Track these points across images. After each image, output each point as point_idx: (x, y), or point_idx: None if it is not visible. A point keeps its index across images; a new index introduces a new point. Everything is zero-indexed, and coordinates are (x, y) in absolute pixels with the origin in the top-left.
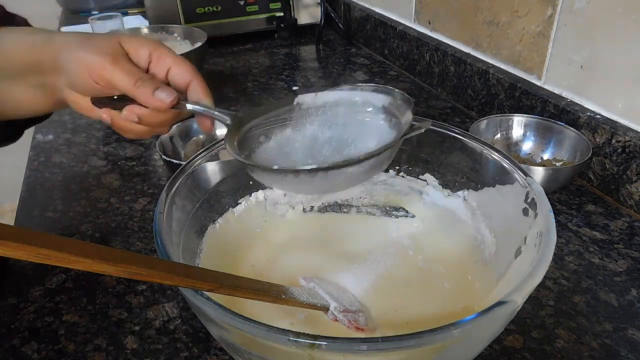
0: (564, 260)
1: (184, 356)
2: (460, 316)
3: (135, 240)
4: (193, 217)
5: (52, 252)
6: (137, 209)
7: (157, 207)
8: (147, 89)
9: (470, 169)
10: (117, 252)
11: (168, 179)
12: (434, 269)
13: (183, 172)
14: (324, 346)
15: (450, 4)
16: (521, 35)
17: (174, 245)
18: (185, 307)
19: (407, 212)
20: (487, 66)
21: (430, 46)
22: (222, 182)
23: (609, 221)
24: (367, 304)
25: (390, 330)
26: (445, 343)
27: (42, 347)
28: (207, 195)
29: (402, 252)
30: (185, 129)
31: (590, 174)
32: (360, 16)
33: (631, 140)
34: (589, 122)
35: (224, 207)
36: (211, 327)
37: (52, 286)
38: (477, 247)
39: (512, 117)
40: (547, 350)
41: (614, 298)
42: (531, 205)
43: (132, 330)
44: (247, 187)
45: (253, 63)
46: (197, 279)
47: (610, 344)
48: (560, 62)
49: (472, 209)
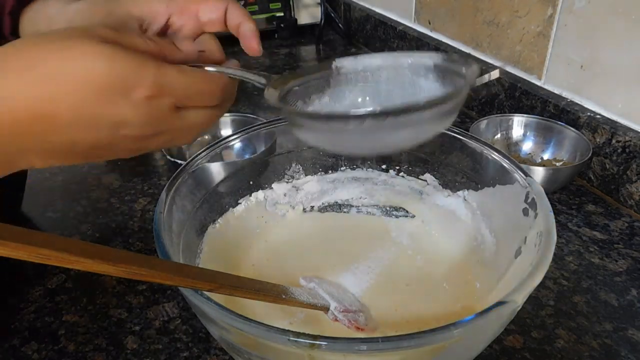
0: (564, 260)
1: (184, 356)
2: (460, 316)
3: (135, 240)
4: (193, 217)
5: (52, 252)
6: (137, 209)
7: (157, 207)
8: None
9: (470, 169)
10: (117, 252)
11: (168, 179)
12: (434, 269)
13: (183, 172)
14: (324, 346)
15: (450, 4)
16: (521, 35)
17: (174, 245)
18: (185, 307)
19: (407, 212)
20: (487, 66)
21: (430, 46)
22: (222, 182)
23: (609, 221)
24: (367, 304)
25: (391, 330)
26: (445, 343)
27: (42, 347)
28: (207, 195)
29: (402, 252)
30: None
31: (590, 174)
32: (360, 16)
33: (631, 140)
34: (589, 122)
35: (224, 207)
36: (211, 327)
37: (52, 286)
38: (477, 247)
39: (512, 117)
40: (547, 350)
41: (614, 298)
42: (531, 205)
43: (132, 330)
44: (247, 187)
45: (253, 63)
46: (197, 279)
47: (610, 344)
48: (560, 62)
49: (472, 209)
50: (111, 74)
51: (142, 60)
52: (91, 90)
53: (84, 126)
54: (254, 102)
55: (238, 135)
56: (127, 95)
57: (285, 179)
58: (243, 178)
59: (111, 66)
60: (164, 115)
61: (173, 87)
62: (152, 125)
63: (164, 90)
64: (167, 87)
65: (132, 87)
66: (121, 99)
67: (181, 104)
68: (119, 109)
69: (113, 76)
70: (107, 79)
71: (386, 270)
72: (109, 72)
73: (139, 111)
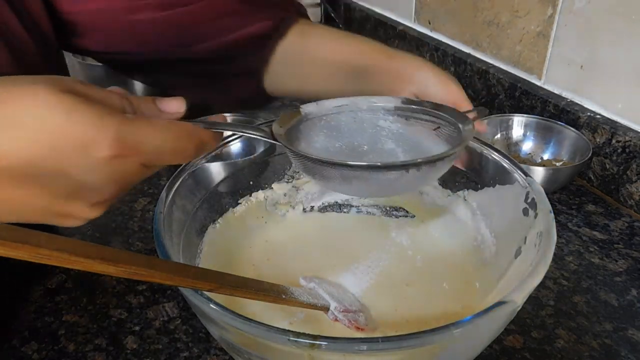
0: (564, 260)
1: (184, 356)
2: (460, 316)
3: (135, 240)
4: (193, 217)
5: (52, 252)
6: (137, 209)
7: (157, 207)
8: None
9: (471, 169)
10: (117, 252)
11: (168, 179)
12: (434, 269)
13: (183, 172)
14: (324, 346)
15: (450, 4)
16: (521, 35)
17: (174, 245)
18: (185, 307)
19: (407, 212)
20: (487, 66)
21: (430, 46)
22: (222, 182)
23: (609, 221)
24: (367, 304)
25: (391, 330)
26: (445, 343)
27: (42, 347)
28: (207, 195)
29: (402, 252)
30: None
31: (590, 174)
32: (360, 16)
33: (631, 140)
34: (589, 122)
35: (224, 207)
36: (211, 327)
37: (52, 286)
38: (477, 247)
39: (512, 117)
40: (547, 350)
41: (614, 298)
42: (531, 205)
43: (132, 330)
44: (247, 187)
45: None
46: (197, 279)
47: (610, 344)
48: (560, 62)
49: (472, 209)
50: (67, 127)
51: (103, 113)
52: (46, 143)
53: (33, 185)
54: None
55: (238, 135)
56: (86, 153)
57: (285, 179)
58: (243, 178)
59: (68, 118)
60: (130, 176)
61: (140, 145)
62: (116, 186)
63: (129, 148)
64: (132, 144)
65: (92, 143)
66: (80, 157)
67: (151, 163)
68: (77, 169)
69: (70, 129)
70: (62, 131)
71: (386, 270)
72: (64, 123)
73: (100, 174)
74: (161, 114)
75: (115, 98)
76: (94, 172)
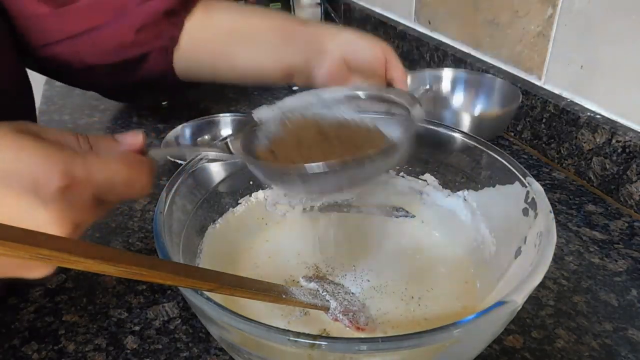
0: (564, 260)
1: (184, 356)
2: (460, 316)
3: (135, 240)
4: (193, 217)
5: (52, 252)
6: (137, 209)
7: (157, 207)
8: None
9: (470, 169)
10: (117, 252)
11: (168, 179)
12: (434, 269)
13: (183, 172)
14: (324, 346)
15: (450, 4)
16: (521, 35)
17: (174, 245)
18: (185, 307)
19: (407, 212)
20: (487, 66)
21: (430, 46)
22: (222, 182)
23: (609, 221)
24: (367, 304)
25: (391, 330)
26: (445, 343)
27: (42, 347)
28: (207, 195)
29: (402, 252)
30: (191, 130)
31: (590, 174)
32: (360, 16)
33: (631, 140)
34: (589, 122)
35: (224, 207)
36: (211, 327)
37: (52, 286)
38: (477, 247)
39: (440, 71)
40: (547, 350)
41: (614, 298)
42: (531, 205)
43: (132, 330)
44: (247, 187)
45: None
46: (197, 279)
47: (610, 344)
48: (560, 62)
49: (472, 209)
50: (15, 165)
51: (53, 150)
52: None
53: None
54: (253, 102)
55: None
56: (37, 192)
57: None
58: (243, 178)
59: (17, 156)
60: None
61: (90, 175)
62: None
63: (79, 179)
64: (82, 175)
65: (43, 181)
66: (32, 197)
67: (103, 196)
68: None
69: (19, 168)
70: (13, 169)
71: (386, 270)
72: (14, 161)
73: (52, 212)
74: (120, 148)
75: (70, 138)
76: (46, 210)
